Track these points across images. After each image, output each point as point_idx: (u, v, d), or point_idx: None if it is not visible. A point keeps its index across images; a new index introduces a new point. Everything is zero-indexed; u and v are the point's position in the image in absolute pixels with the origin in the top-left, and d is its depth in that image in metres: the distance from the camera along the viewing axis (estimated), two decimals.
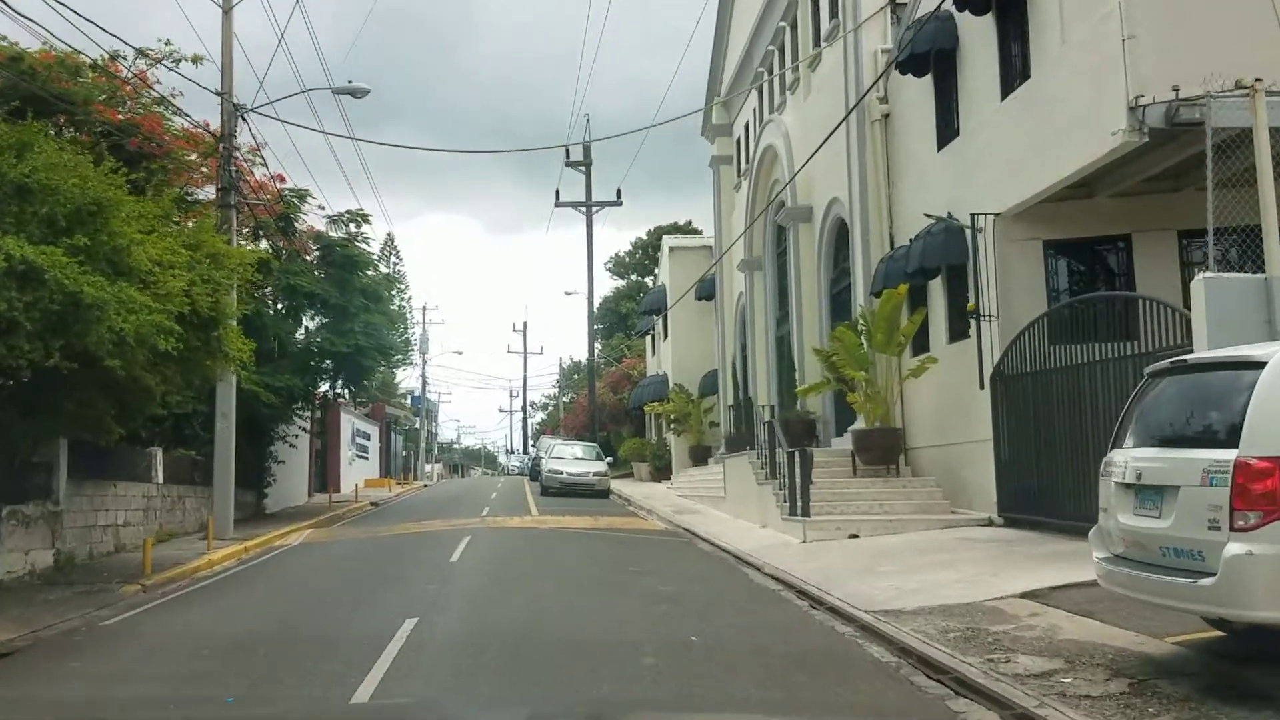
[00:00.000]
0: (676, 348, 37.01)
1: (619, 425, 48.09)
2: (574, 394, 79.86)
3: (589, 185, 46.24)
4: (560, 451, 30.41)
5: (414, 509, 24.74)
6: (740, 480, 18.89)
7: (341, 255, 22.64)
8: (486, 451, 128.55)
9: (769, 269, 27.66)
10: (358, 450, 38.92)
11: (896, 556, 11.89)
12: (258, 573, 13.68)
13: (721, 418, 32.51)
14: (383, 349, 22.95)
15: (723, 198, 33.32)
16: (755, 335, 28.29)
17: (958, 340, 16.08)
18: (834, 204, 21.46)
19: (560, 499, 26.70)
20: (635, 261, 73.60)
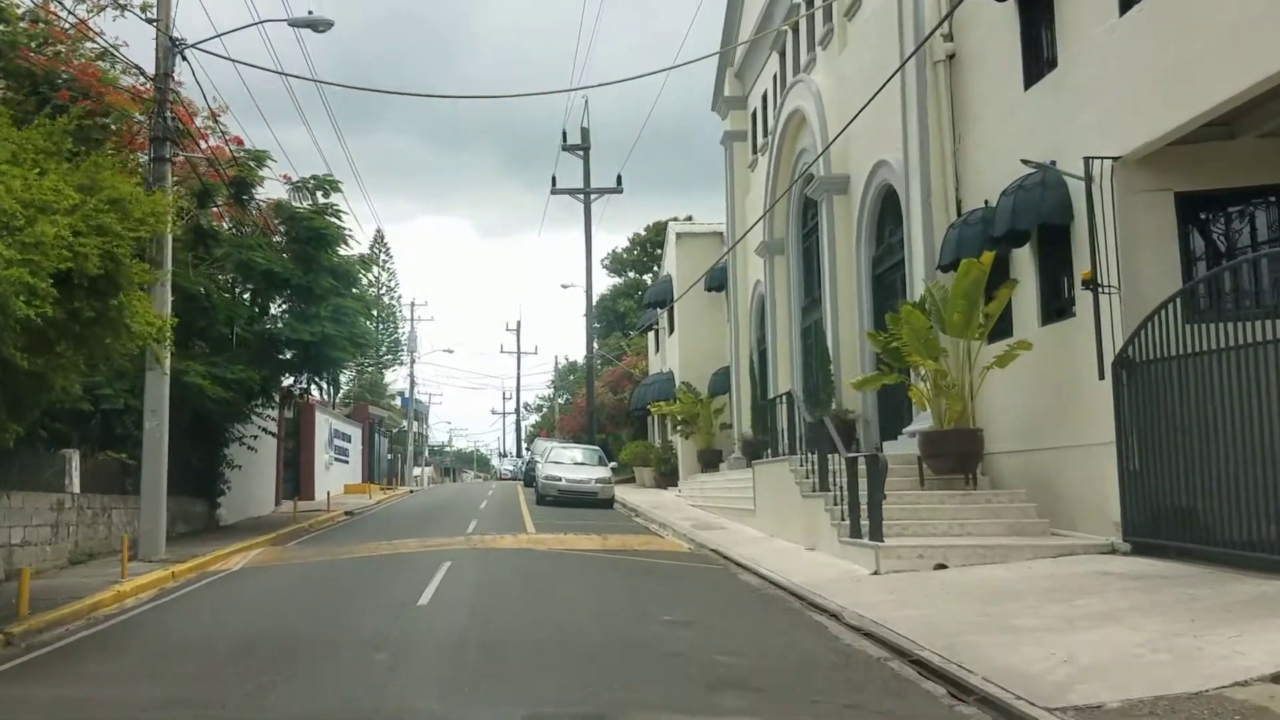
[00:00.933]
0: (684, 343, 33.92)
1: (619, 427, 44.97)
2: (569, 395, 76.86)
3: (587, 170, 43.17)
4: (558, 455, 27.25)
5: (392, 521, 21.62)
6: (777, 491, 15.81)
7: (306, 228, 19.51)
8: (479, 454, 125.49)
9: (793, 251, 24.60)
10: (336, 453, 35.78)
11: (1020, 599, 8.83)
12: (169, 616, 10.52)
13: (734, 418, 29.44)
14: (354, 338, 19.81)
15: (736, 178, 30.28)
16: (776, 326, 25.23)
17: (1055, 320, 13.03)
18: (880, 169, 18.40)
19: (558, 509, 23.59)
20: (634, 259, 70.69)
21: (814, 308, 23.21)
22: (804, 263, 24.38)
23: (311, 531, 20.23)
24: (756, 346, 28.48)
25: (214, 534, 19.01)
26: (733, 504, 20.60)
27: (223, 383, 17.61)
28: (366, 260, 22.03)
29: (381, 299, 21.51)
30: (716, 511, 20.92)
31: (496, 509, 24.14)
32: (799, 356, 24.19)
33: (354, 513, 25.54)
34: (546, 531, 16.63)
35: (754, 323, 28.70)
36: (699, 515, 20.91)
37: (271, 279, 19.02)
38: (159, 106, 15.41)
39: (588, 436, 40.20)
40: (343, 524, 22.07)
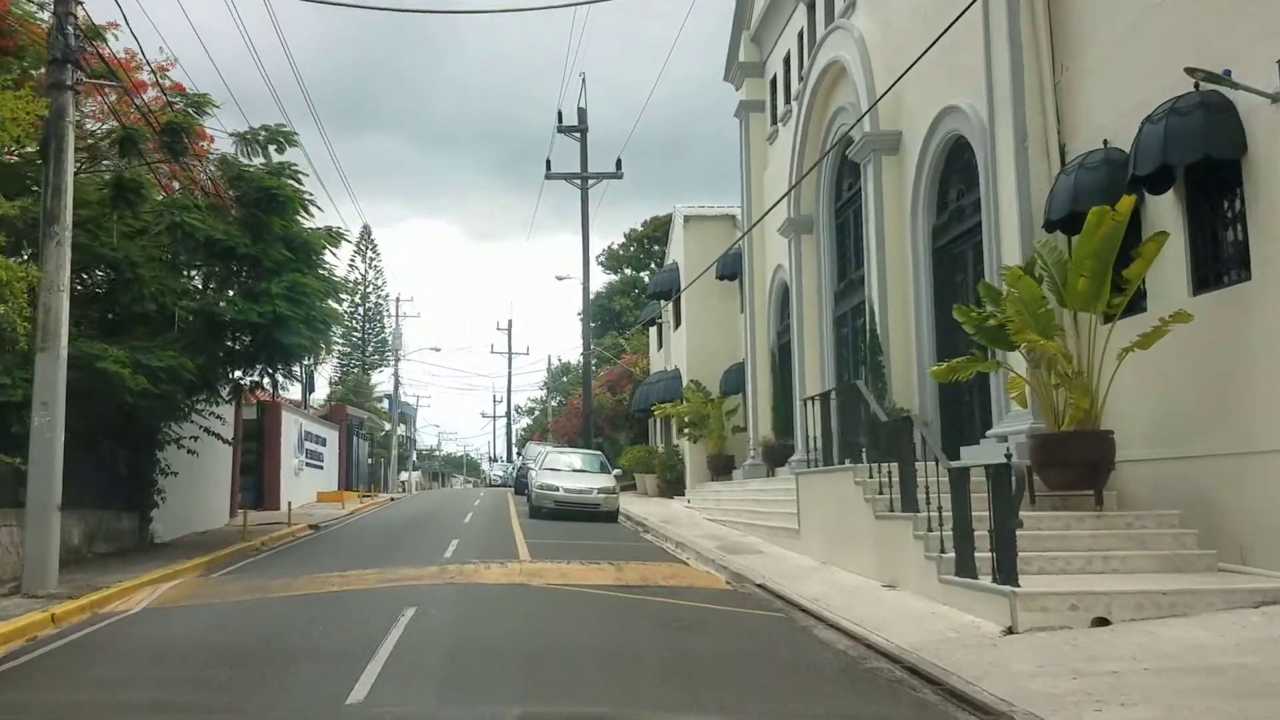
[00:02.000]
0: (692, 338, 30.77)
1: (618, 430, 41.78)
2: (562, 397, 73.63)
3: (584, 153, 39.89)
4: (554, 461, 23.97)
5: (358, 540, 18.38)
6: (834, 509, 12.62)
7: (256, 189, 16.26)
8: (469, 459, 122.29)
9: (824, 228, 21.48)
10: (308, 458, 32.50)
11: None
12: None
13: (750, 421, 26.30)
14: (314, 322, 16.54)
15: (752, 152, 27.16)
16: (803, 315, 22.10)
17: (1214, 287, 9.91)
18: (946, 119, 15.28)
19: (555, 523, 20.38)
20: (630, 255, 67.63)
21: (851, 291, 20.09)
22: (838, 240, 21.26)
23: (261, 551, 16.99)
24: (777, 340, 25.36)
25: (141, 555, 15.77)
26: (761, 520, 17.44)
27: (148, 372, 14.39)
28: (334, 235, 18.74)
29: (354, 284, 18.40)
30: (741, 528, 17.74)
31: (483, 523, 20.91)
32: (831, 348, 21.07)
33: (320, 526, 22.29)
34: (544, 557, 13.37)
35: (774, 313, 25.58)
36: (721, 533, 17.72)
37: (212, 248, 15.77)
38: (57, 22, 12.20)
39: (584, 440, 36.98)
40: (301, 541, 18.81)
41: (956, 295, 15.80)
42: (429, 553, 14.07)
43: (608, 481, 22.56)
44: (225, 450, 22.56)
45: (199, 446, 18.79)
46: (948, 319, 15.79)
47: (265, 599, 10.24)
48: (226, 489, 22.89)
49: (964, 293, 15.55)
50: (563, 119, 40.28)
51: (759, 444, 24.04)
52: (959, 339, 15.62)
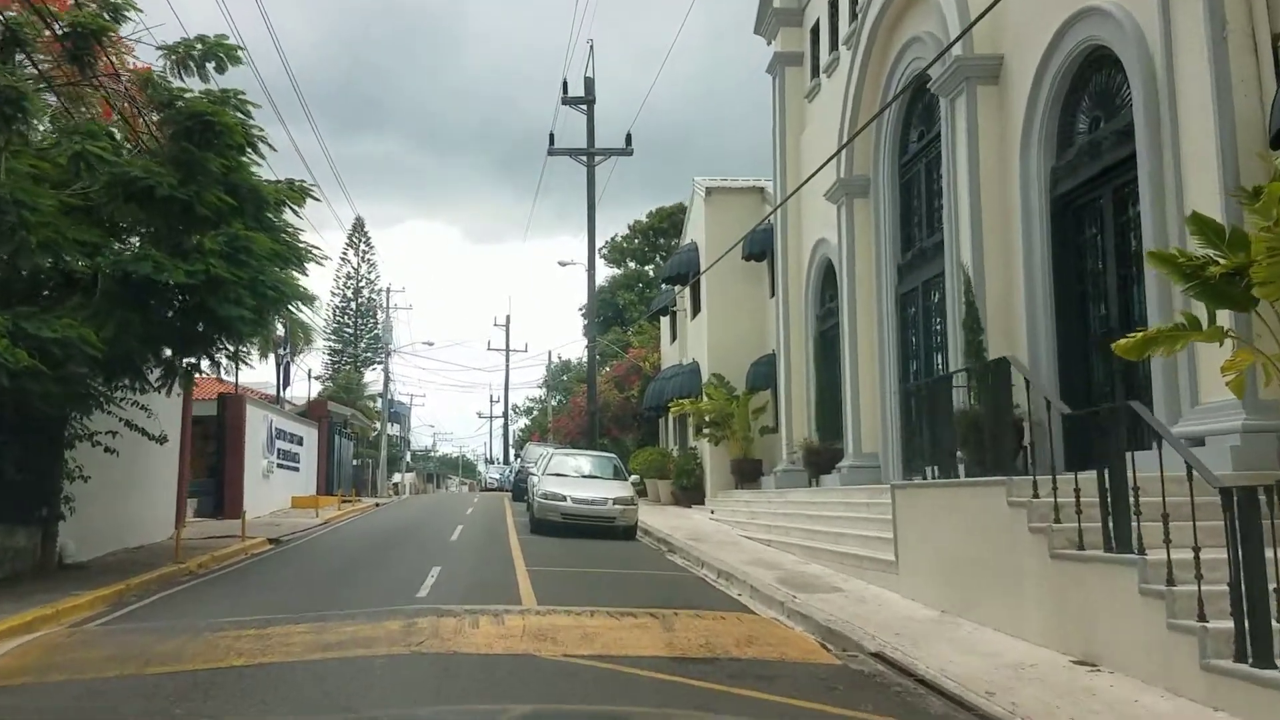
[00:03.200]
0: (714, 327, 27.25)
1: (625, 431, 38.26)
2: (562, 396, 70.12)
3: (591, 127, 36.37)
4: (559, 465, 20.35)
5: (316, 563, 14.88)
6: (964, 537, 9.03)
7: (187, 115, 12.74)
8: (465, 460, 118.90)
9: (887, 189, 18.00)
10: (281, 458, 28.94)
11: None
12: None
13: (782, 420, 22.82)
14: (260, 289, 12.98)
15: (787, 113, 23.66)
16: (856, 294, 18.63)
17: None
18: (1078, 24, 11.80)
19: (563, 541, 16.87)
20: (635, 248, 64.20)
21: (922, 263, 16.62)
22: (903, 203, 17.78)
23: (191, 578, 13.48)
24: (818, 326, 21.87)
25: (34, 582, 12.26)
26: (821, 541, 13.94)
27: (37, 345, 10.91)
28: (297, 189, 15.27)
29: (338, 270, 15.14)
30: (798, 552, 14.21)
31: (474, 541, 17.35)
32: (893, 332, 17.58)
33: (281, 540, 18.77)
34: (554, 597, 9.78)
35: (814, 296, 22.08)
36: (771, 557, 14.21)
37: (128, 186, 12.23)
38: None
39: (588, 441, 33.45)
40: (248, 563, 15.27)
41: (1084, 256, 12.35)
42: (399, 588, 10.54)
43: (624, 490, 18.99)
44: (169, 450, 19.04)
45: (130, 445, 15.32)
46: (1069, 285, 12.36)
47: (125, 680, 6.66)
48: (172, 494, 19.34)
49: (1097, 253, 12.11)
50: (568, 89, 36.79)
51: (799, 447, 20.54)
52: (1089, 311, 12.19)
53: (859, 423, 18.37)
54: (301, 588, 11.22)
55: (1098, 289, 12.06)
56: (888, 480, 17.35)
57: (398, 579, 11.42)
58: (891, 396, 17.47)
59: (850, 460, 18.29)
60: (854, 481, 17.60)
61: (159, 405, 17.72)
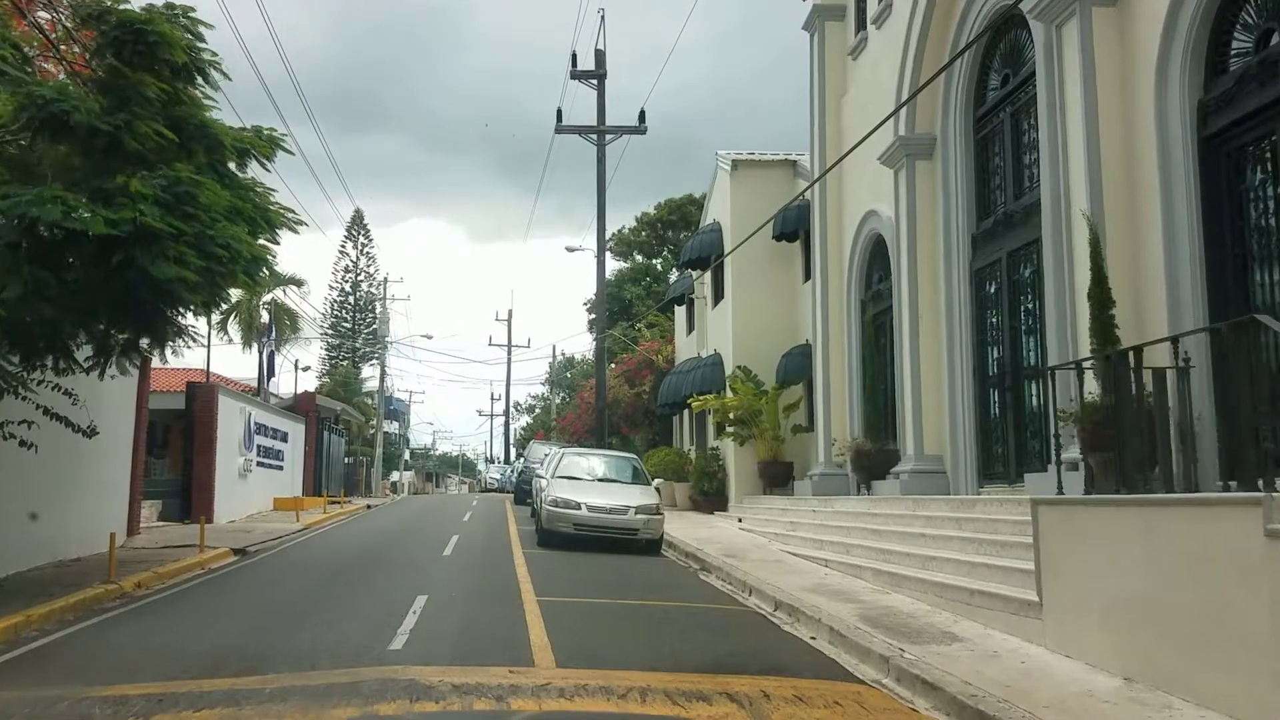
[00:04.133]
0: (739, 314, 24.63)
1: (636, 429, 35.70)
2: (565, 394, 67.57)
3: (601, 102, 33.84)
4: (571, 467, 17.62)
5: (277, 586, 12.25)
6: (1167, 578, 6.16)
7: (118, 26, 10.16)
8: (465, 459, 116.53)
9: (958, 147, 15.42)
10: (262, 455, 26.35)
11: None
12: None
13: (819, 419, 20.26)
14: (208, 247, 10.37)
15: (827, 74, 21.07)
16: (918, 271, 16.08)
17: None
18: None
19: (577, 557, 14.29)
20: (642, 241, 61.67)
21: (1006, 230, 14.04)
22: (978, 164, 15.21)
23: (123, 602, 10.91)
24: (864, 311, 19.29)
25: None
26: (899, 565, 11.33)
27: None
28: (266, 137, 12.75)
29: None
30: (869, 577, 11.58)
31: (472, 556, 14.72)
32: (967, 313, 15.01)
33: (248, 551, 16.19)
34: (578, 654, 7.07)
35: (860, 277, 19.49)
36: (834, 582, 11.59)
37: (38, 113, 9.65)
38: None
39: (596, 440, 30.87)
40: (197, 582, 12.66)
41: (1245, 209, 9.74)
42: (369, 631, 7.97)
43: (647, 496, 16.31)
44: (119, 444, 16.49)
45: (69, 441, 12.78)
46: (1223, 247, 9.77)
47: None
48: (123, 497, 16.75)
49: (1264, 204, 9.50)
50: (577, 62, 34.24)
51: (845, 449, 17.94)
52: (1256, 277, 9.60)
53: (920, 421, 15.79)
54: (246, 625, 8.65)
55: (1268, 249, 9.46)
56: (958, 489, 14.78)
57: (370, 615, 8.82)
58: (966, 390, 14.89)
59: (911, 464, 15.72)
60: (917, 489, 15.03)
61: (107, 393, 15.18)
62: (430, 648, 7.34)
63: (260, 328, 31.88)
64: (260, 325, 32.07)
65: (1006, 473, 13.83)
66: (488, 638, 8.07)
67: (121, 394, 16.26)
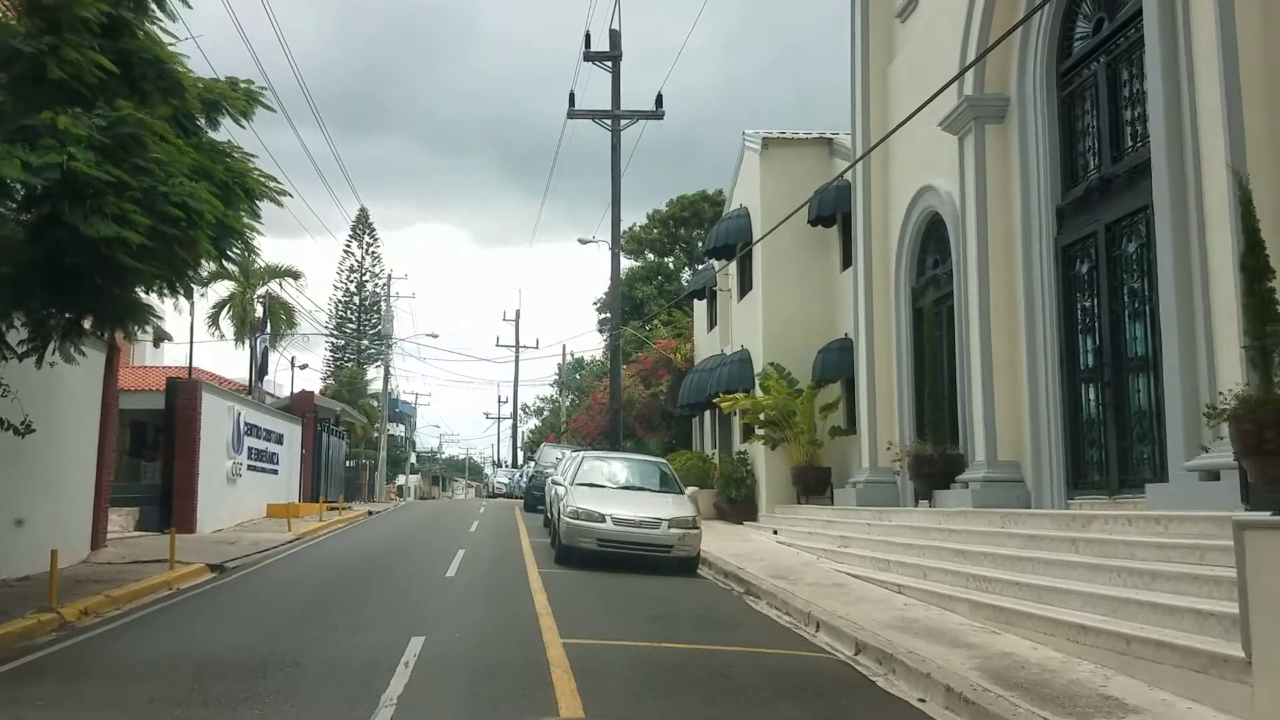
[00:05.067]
0: (771, 306, 22.65)
1: (652, 432, 33.72)
2: (575, 396, 65.57)
3: (616, 85, 31.93)
4: (591, 473, 15.50)
5: (249, 616, 10.29)
6: None
7: None
8: (472, 462, 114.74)
9: (1039, 106, 13.44)
10: (254, 458, 24.44)
11: None
12: None
13: (863, 420, 18.29)
14: (158, 203, 8.47)
15: (871, 39, 19.13)
16: (989, 250, 14.10)
17: None
18: None
19: (602, 578, 12.34)
20: (654, 239, 59.75)
21: (1102, 200, 12.06)
22: (1063, 125, 13.22)
23: (57, 638, 9.00)
24: (915, 299, 17.33)
25: None
26: (1003, 596, 9.37)
27: None
28: (244, 91, 10.98)
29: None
30: (957, 607, 9.60)
31: (480, 578, 12.71)
32: (1050, 296, 13.03)
33: (226, 568, 14.24)
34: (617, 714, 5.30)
35: (911, 260, 17.52)
36: (920, 616, 9.60)
37: None
38: None
39: (610, 444, 28.92)
40: (155, 609, 10.68)
41: None
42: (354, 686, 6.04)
43: (681, 508, 14.28)
44: (82, 445, 14.58)
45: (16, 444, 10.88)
46: None
47: None
48: (86, 505, 14.82)
49: None
50: (590, 43, 32.34)
51: (902, 454, 15.94)
52: None
53: (993, 422, 13.80)
54: (198, 677, 6.69)
55: None
56: (1041, 500, 12.78)
57: (348, 671, 6.82)
58: (1050, 386, 12.90)
59: (982, 472, 13.72)
60: (991, 501, 13.05)
61: (65, 387, 13.28)
62: (429, 709, 5.38)
63: (254, 322, 29.99)
64: (254, 320, 30.19)
65: (1104, 482, 11.84)
66: (502, 696, 6.11)
67: (84, 389, 14.35)
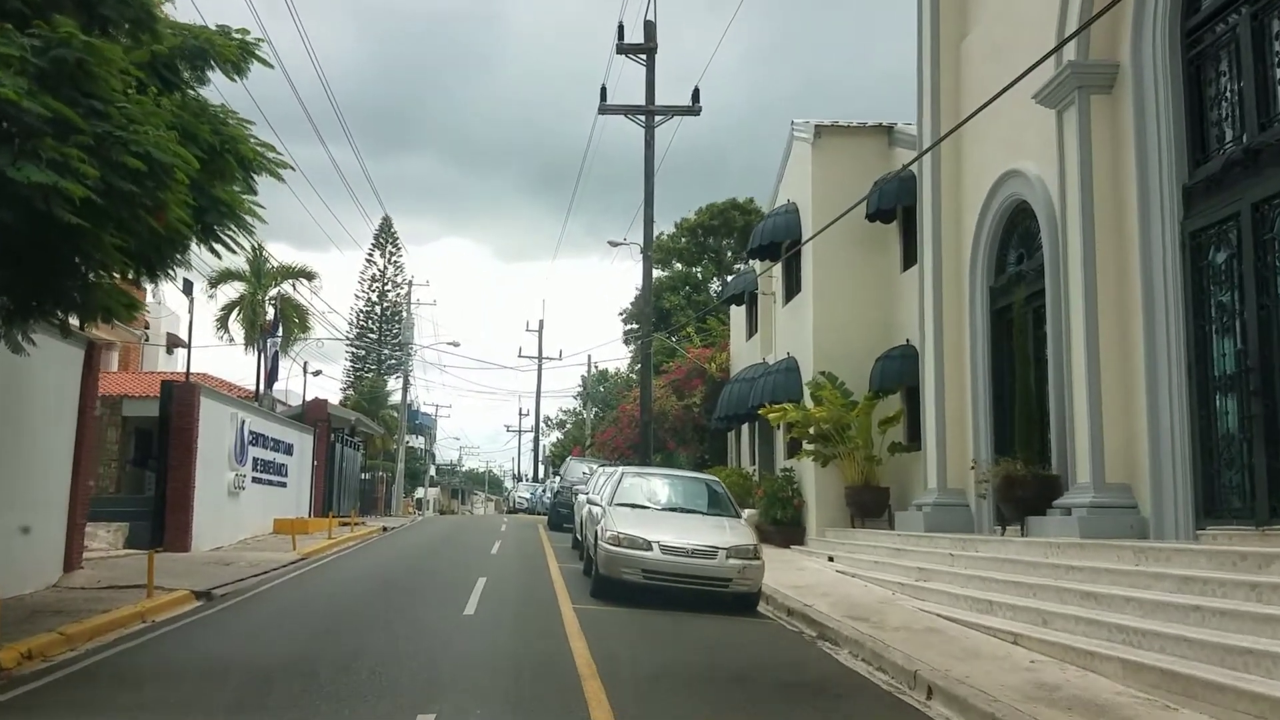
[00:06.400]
0: (822, 310, 20.73)
1: (685, 445, 31.84)
2: (599, 408, 63.73)
3: (650, 79, 30.12)
4: (632, 491, 13.51)
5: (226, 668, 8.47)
6: None
7: None
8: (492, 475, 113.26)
9: (1158, 72, 11.52)
10: (260, 470, 22.72)
11: None
12: None
13: (930, 435, 16.36)
14: (114, 148, 6.79)
15: (943, 13, 17.27)
16: (1094, 240, 12.18)
17: None
18: None
19: (648, 617, 10.47)
20: (682, 248, 58.07)
21: (1246, 177, 10.13)
22: (1189, 93, 11.30)
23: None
24: (993, 298, 15.42)
25: None
26: (1181, 659, 7.45)
27: None
28: (243, 44, 9.60)
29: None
30: (1101, 666, 7.66)
31: (504, 620, 10.78)
32: (1178, 286, 11.06)
33: (214, 595, 12.45)
34: None
35: (989, 256, 15.61)
36: (1044, 672, 7.66)
37: None
38: None
39: (640, 458, 27.04)
40: (115, 653, 8.89)
41: None
42: None
43: (739, 535, 12.25)
44: (54, 454, 12.82)
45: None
46: None
47: None
48: (59, 521, 13.06)
49: None
50: (623, 34, 30.59)
51: (989, 475, 13.96)
52: None
53: (1099, 439, 11.84)
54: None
55: None
56: (1163, 530, 10.79)
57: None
58: (1175, 396, 10.94)
59: (1087, 496, 11.75)
60: (1101, 531, 11.12)
61: (33, 389, 11.59)
62: None
63: (265, 326, 28.36)
64: (265, 323, 28.56)
65: (1249, 509, 9.87)
66: None
67: (57, 388, 12.64)
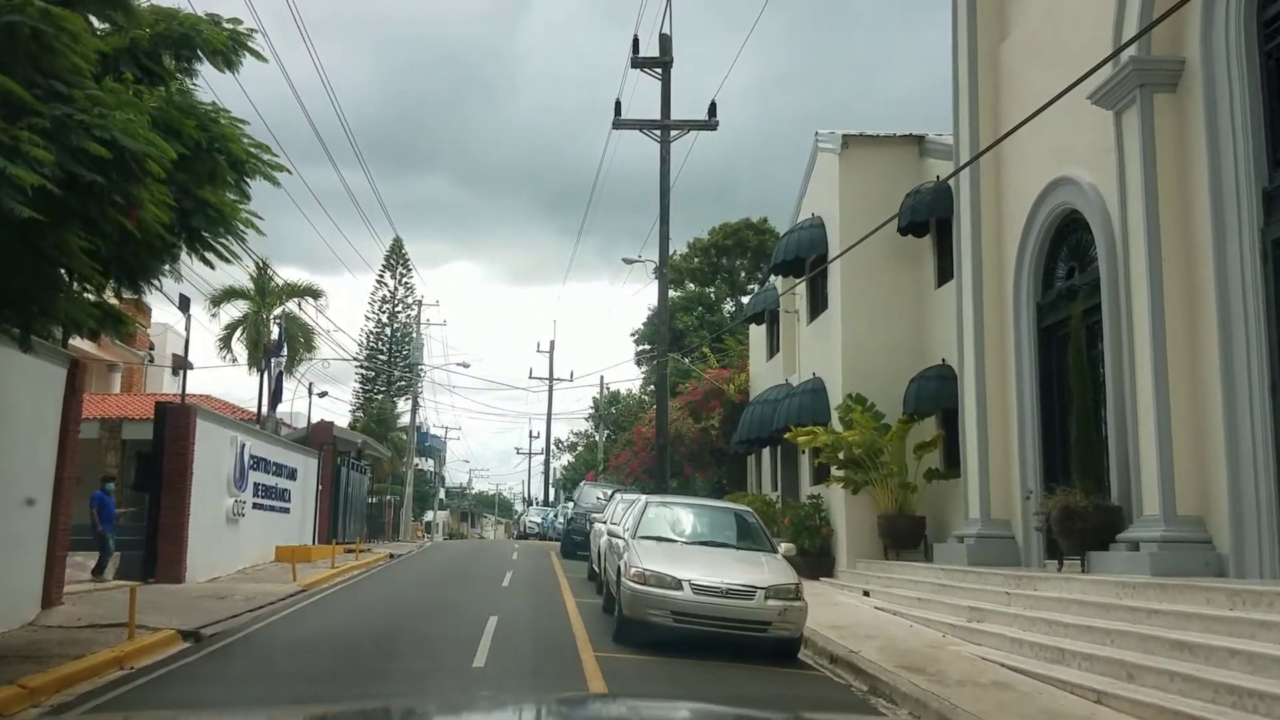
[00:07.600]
0: (851, 328, 19.69)
1: (701, 470, 30.78)
2: (611, 431, 62.64)
3: (666, 92, 29.23)
4: (657, 522, 12.29)
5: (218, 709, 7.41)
6: None
7: None
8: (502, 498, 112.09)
9: (1230, 68, 10.55)
10: (261, 494, 21.74)
11: None
12: None
13: (971, 461, 15.32)
14: (75, 133, 5.88)
15: (980, 15, 16.36)
16: (1160, 251, 11.16)
17: None
18: None
19: (676, 667, 9.44)
20: (695, 268, 57.13)
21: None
22: (1268, 87, 10.32)
23: None
24: (1040, 316, 14.41)
25: None
26: (1238, 707, 6.39)
27: None
28: (234, 34, 8.78)
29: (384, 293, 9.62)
30: (1147, 717, 6.58)
31: (520, 672, 9.77)
32: (1258, 299, 10.11)
33: (202, 635, 11.44)
34: None
35: (1035, 270, 14.61)
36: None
37: None
38: None
39: (656, 483, 26.01)
40: (80, 714, 7.88)
41: None
42: None
43: (779, 573, 11.03)
44: (33, 481, 11.85)
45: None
46: None
47: None
48: (37, 552, 12.08)
49: None
50: (638, 47, 29.75)
51: (1047, 506, 12.85)
52: None
53: (1169, 467, 10.79)
54: None
55: None
56: (1245, 568, 9.72)
57: None
58: (1257, 419, 9.89)
59: (1157, 530, 10.69)
60: (1173, 568, 10.07)
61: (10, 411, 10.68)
62: None
63: (268, 345, 27.48)
64: (268, 343, 27.70)
65: None
66: None
67: (34, 409, 11.70)
